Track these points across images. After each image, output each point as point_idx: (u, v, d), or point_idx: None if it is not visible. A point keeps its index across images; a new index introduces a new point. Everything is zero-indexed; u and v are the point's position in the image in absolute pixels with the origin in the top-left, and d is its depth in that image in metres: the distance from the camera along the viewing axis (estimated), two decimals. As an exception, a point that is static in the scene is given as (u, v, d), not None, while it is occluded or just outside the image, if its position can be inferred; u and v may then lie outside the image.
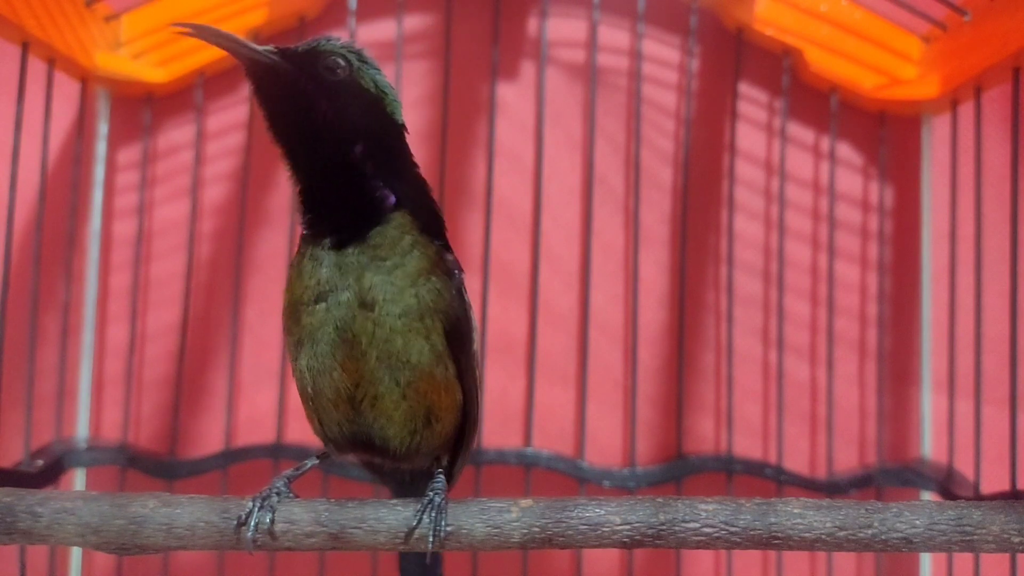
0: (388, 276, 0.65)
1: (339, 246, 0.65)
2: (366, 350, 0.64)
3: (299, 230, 0.69)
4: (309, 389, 0.67)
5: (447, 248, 0.70)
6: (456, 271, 0.69)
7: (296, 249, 0.69)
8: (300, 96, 0.66)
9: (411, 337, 0.65)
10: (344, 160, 0.66)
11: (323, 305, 0.65)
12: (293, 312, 0.67)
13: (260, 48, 0.66)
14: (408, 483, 0.76)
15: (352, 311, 0.64)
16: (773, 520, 0.65)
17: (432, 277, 0.66)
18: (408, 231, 0.66)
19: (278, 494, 0.67)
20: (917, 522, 0.66)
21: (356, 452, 0.71)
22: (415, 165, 0.71)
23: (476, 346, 0.72)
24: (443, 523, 0.65)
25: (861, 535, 0.65)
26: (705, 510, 0.66)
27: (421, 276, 0.66)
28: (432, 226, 0.69)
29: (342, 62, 0.66)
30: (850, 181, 1.11)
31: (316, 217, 0.67)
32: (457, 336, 0.68)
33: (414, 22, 1.10)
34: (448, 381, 0.67)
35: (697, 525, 0.65)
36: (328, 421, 0.68)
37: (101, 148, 1.05)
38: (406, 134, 0.70)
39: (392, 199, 0.66)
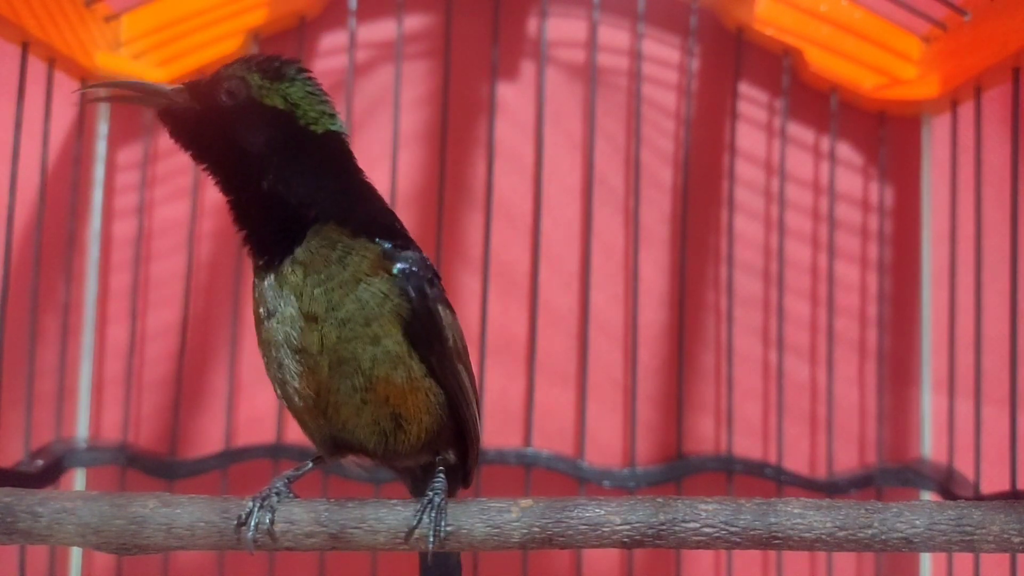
0: (325, 287, 0.64)
1: (271, 265, 0.66)
2: (318, 360, 0.65)
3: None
4: (280, 397, 0.69)
5: (399, 247, 0.67)
6: (412, 268, 0.66)
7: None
8: (204, 130, 0.67)
9: (359, 344, 0.64)
10: (256, 185, 0.66)
11: (273, 321, 0.66)
12: (257, 328, 0.68)
13: (167, 88, 0.67)
14: (422, 480, 0.75)
15: (297, 324, 0.65)
16: (773, 520, 0.65)
17: (375, 279, 0.65)
18: (339, 239, 0.65)
19: (278, 494, 0.67)
20: (917, 522, 0.66)
21: (343, 454, 0.71)
22: (350, 171, 0.70)
23: (454, 342, 0.70)
24: (443, 523, 0.65)
25: (861, 535, 0.65)
26: (705, 510, 0.66)
27: (360, 282, 0.65)
28: (373, 228, 0.67)
29: (239, 85, 0.66)
30: (850, 181, 1.11)
31: (251, 239, 0.68)
32: (422, 336, 0.66)
33: (414, 22, 1.10)
34: (413, 383, 0.66)
35: (697, 525, 0.65)
36: (306, 427, 0.69)
37: (101, 148, 1.05)
38: (345, 139, 0.70)
39: (311, 214, 0.66)
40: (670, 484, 1.05)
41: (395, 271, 0.66)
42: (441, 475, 0.69)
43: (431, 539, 0.65)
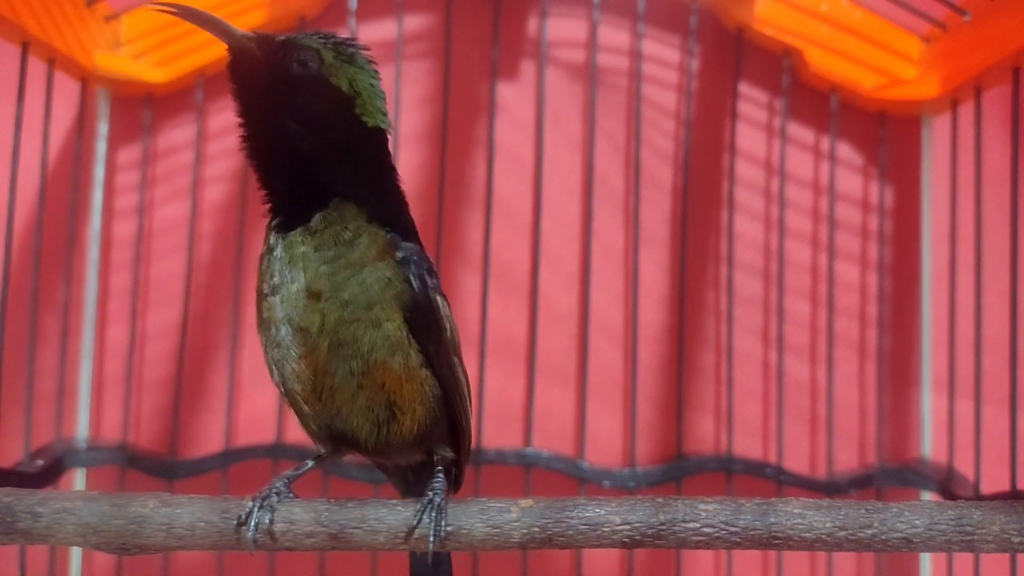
0: (332, 265, 0.65)
1: (285, 228, 0.67)
2: (317, 340, 0.65)
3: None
4: (277, 381, 0.69)
5: (403, 237, 0.69)
6: (413, 257, 0.68)
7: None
8: (263, 82, 0.68)
9: (359, 326, 0.65)
10: (293, 150, 0.67)
11: (278, 297, 0.66)
12: (258, 305, 0.69)
13: (241, 32, 0.67)
14: (413, 482, 0.76)
15: (301, 302, 0.65)
16: (773, 520, 0.65)
17: (380, 264, 0.66)
18: (354, 219, 0.66)
19: (278, 494, 0.67)
20: (917, 522, 0.66)
21: (338, 447, 0.71)
22: (384, 167, 0.71)
23: (451, 334, 0.71)
24: (443, 523, 0.65)
25: (861, 535, 0.65)
26: (705, 510, 0.66)
27: (368, 265, 0.65)
28: (386, 217, 0.69)
29: (312, 56, 0.67)
30: (850, 181, 1.11)
31: (272, 198, 0.69)
32: (421, 324, 0.67)
33: (414, 22, 1.10)
34: (410, 371, 0.67)
35: (697, 525, 0.65)
36: (302, 415, 0.69)
37: (101, 148, 1.05)
38: (387, 135, 0.71)
39: (335, 190, 0.67)
40: (670, 484, 1.05)
41: (398, 257, 0.67)
42: (440, 475, 0.69)
43: (431, 539, 0.65)
